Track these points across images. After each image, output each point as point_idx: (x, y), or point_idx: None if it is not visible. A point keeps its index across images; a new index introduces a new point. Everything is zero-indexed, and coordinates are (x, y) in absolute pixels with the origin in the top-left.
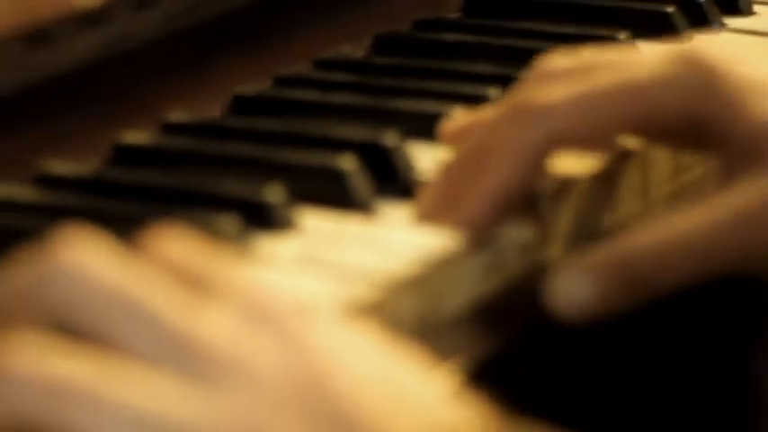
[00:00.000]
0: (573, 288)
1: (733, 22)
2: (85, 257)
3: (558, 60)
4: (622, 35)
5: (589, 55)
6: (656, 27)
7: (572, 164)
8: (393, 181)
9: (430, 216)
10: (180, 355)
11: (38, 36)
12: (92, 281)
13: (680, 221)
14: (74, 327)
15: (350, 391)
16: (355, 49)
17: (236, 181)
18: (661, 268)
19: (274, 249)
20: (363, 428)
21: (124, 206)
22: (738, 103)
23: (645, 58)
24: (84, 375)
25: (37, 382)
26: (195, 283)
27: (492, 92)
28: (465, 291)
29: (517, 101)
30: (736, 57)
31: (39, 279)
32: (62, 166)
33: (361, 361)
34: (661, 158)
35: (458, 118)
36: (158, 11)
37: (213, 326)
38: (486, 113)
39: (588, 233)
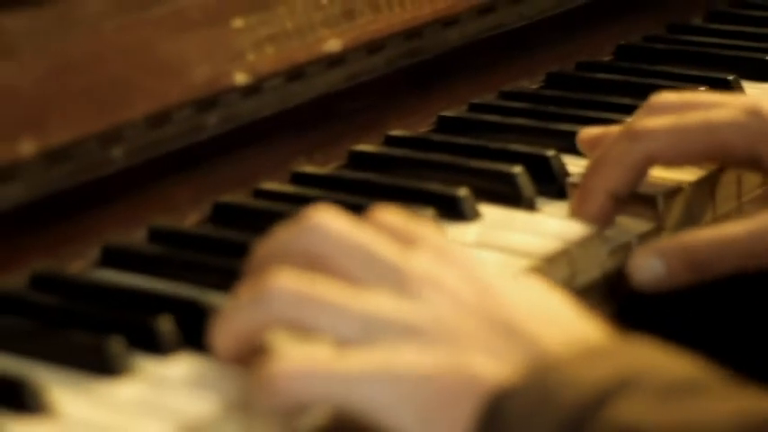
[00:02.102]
0: (647, 265)
1: None
2: (330, 219)
3: (667, 97)
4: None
5: (689, 95)
6: (758, 73)
7: (679, 173)
8: (551, 184)
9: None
10: (394, 280)
11: (294, 73)
12: (334, 233)
13: (729, 226)
14: (319, 266)
15: (514, 308)
16: (531, 83)
17: (436, 181)
18: (712, 256)
19: (461, 233)
20: (525, 332)
21: (354, 197)
22: None
23: (725, 103)
24: (327, 291)
25: (295, 294)
26: (404, 238)
27: (627, 119)
28: (596, 266)
29: (629, 125)
30: None
31: (298, 233)
32: (310, 168)
33: (520, 289)
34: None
35: (590, 130)
36: (382, 56)
37: (416, 262)
38: (612, 128)
39: (692, 225)
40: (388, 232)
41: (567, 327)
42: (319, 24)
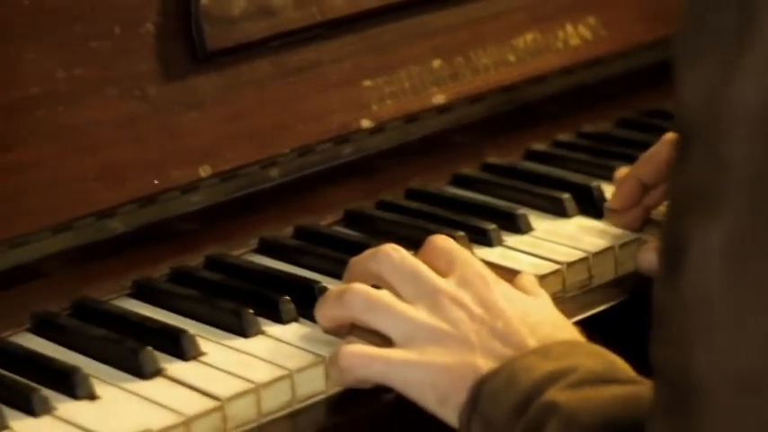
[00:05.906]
0: (650, 260)
1: None
2: (394, 251)
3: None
4: None
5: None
6: None
7: None
8: (592, 207)
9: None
10: (430, 299)
11: (409, 118)
12: (395, 261)
13: None
14: (385, 282)
15: (510, 321)
16: (605, 126)
17: (512, 200)
18: None
19: (516, 241)
20: (517, 339)
21: (447, 211)
22: None
23: None
24: (386, 302)
25: (365, 298)
26: (446, 260)
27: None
28: (609, 271)
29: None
30: None
31: (373, 258)
32: (420, 185)
33: (517, 306)
34: None
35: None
36: (482, 105)
37: (447, 286)
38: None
39: None
40: (436, 255)
41: (546, 335)
42: (430, 83)
